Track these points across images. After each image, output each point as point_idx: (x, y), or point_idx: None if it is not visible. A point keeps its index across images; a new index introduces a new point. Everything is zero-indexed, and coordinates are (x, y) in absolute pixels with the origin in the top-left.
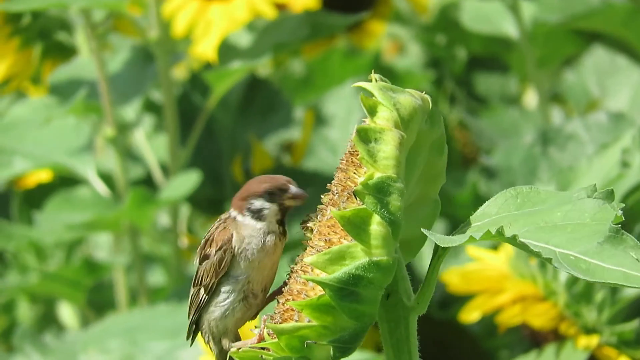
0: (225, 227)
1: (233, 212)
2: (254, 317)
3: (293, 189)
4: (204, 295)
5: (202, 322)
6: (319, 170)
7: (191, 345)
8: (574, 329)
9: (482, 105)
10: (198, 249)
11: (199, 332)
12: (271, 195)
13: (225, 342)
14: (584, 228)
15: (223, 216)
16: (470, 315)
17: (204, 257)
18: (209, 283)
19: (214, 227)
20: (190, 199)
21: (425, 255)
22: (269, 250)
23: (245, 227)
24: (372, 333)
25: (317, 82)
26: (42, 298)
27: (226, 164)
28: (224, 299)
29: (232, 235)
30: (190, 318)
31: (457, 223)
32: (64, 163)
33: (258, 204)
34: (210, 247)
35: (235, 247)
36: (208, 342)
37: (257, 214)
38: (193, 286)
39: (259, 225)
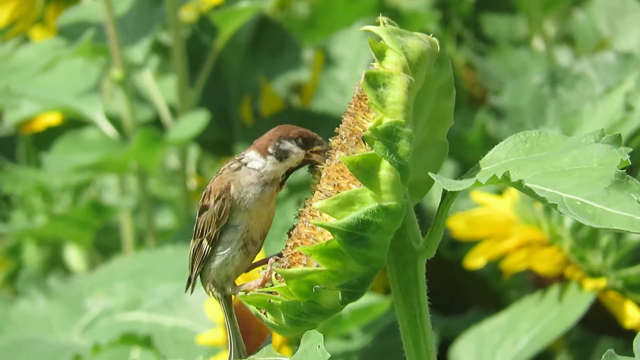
0: (221, 178)
1: (248, 154)
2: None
3: (325, 144)
4: (208, 246)
5: (203, 271)
6: (328, 111)
7: (191, 293)
8: (579, 274)
9: (490, 46)
10: (198, 203)
11: (198, 282)
12: (304, 141)
13: (227, 289)
14: (591, 173)
15: (224, 165)
16: (476, 260)
17: (203, 209)
18: (212, 234)
19: (212, 179)
20: (199, 140)
21: (434, 195)
22: (265, 200)
23: (247, 175)
24: (381, 274)
25: (322, 23)
26: (49, 241)
27: (235, 106)
28: (224, 248)
29: (229, 184)
30: (194, 271)
31: (466, 164)
32: (71, 105)
33: (288, 145)
34: (208, 198)
35: (233, 196)
36: (210, 291)
37: (282, 155)
38: (193, 239)
39: (276, 165)
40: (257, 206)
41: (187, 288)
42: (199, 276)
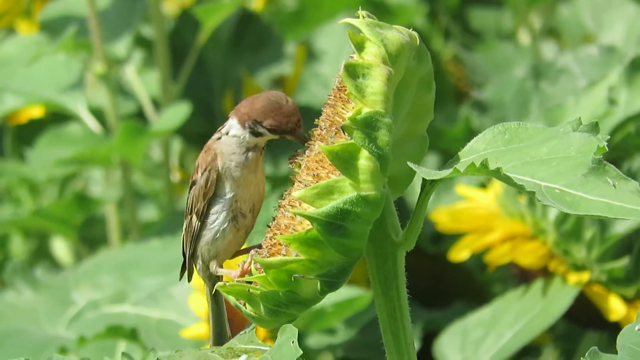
0: (206, 151)
1: (231, 121)
2: (243, 243)
3: (299, 132)
4: (197, 222)
5: (195, 250)
6: (310, 105)
7: (189, 281)
8: (564, 267)
9: (476, 39)
10: (189, 181)
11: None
12: (274, 132)
13: (215, 267)
14: (568, 161)
15: (209, 142)
16: (460, 254)
17: (192, 184)
18: (200, 207)
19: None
20: (182, 133)
21: (416, 190)
22: (251, 166)
23: (229, 144)
24: (364, 267)
25: (309, 16)
26: (35, 233)
27: (218, 99)
28: (214, 220)
29: (215, 154)
30: (188, 251)
31: (450, 158)
32: (54, 99)
33: (261, 130)
34: (197, 173)
35: (219, 165)
36: (200, 271)
37: (257, 134)
38: (185, 217)
39: (250, 139)
40: (244, 173)
41: (181, 274)
42: (193, 258)
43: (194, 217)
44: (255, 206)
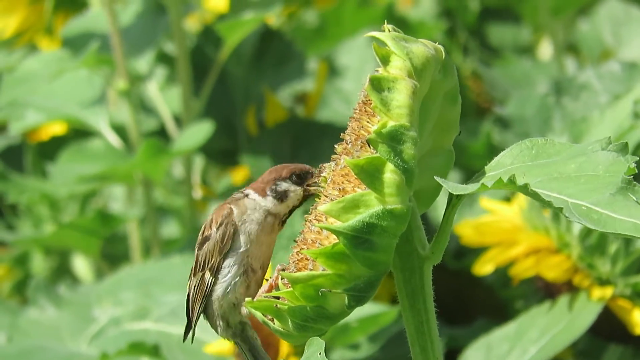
0: (221, 207)
1: (248, 191)
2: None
3: (316, 172)
4: (210, 277)
5: (207, 309)
6: (332, 121)
7: (192, 342)
8: (588, 281)
9: (495, 55)
10: (198, 238)
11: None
12: (299, 177)
13: (244, 310)
14: (597, 180)
15: (227, 200)
16: (484, 267)
17: (204, 241)
18: (215, 263)
19: (210, 214)
20: (204, 150)
21: (440, 206)
22: (266, 228)
23: (251, 202)
24: (387, 284)
25: (330, 32)
26: (56, 250)
27: (239, 115)
28: (225, 274)
29: (231, 209)
30: (197, 311)
31: (471, 173)
32: (76, 115)
33: (285, 185)
34: (209, 228)
35: (235, 220)
36: (223, 332)
37: (281, 195)
38: (193, 276)
39: (278, 206)
40: (257, 231)
41: (185, 335)
42: (207, 317)
43: (207, 274)
44: (265, 264)
